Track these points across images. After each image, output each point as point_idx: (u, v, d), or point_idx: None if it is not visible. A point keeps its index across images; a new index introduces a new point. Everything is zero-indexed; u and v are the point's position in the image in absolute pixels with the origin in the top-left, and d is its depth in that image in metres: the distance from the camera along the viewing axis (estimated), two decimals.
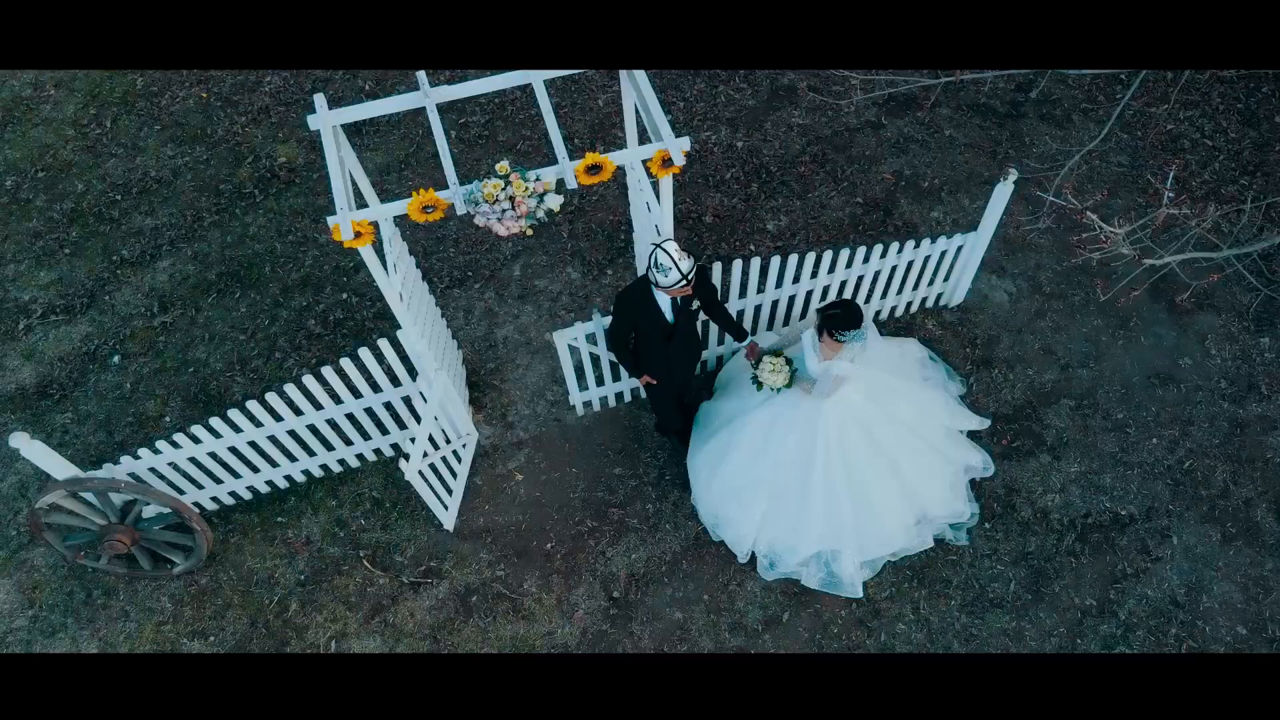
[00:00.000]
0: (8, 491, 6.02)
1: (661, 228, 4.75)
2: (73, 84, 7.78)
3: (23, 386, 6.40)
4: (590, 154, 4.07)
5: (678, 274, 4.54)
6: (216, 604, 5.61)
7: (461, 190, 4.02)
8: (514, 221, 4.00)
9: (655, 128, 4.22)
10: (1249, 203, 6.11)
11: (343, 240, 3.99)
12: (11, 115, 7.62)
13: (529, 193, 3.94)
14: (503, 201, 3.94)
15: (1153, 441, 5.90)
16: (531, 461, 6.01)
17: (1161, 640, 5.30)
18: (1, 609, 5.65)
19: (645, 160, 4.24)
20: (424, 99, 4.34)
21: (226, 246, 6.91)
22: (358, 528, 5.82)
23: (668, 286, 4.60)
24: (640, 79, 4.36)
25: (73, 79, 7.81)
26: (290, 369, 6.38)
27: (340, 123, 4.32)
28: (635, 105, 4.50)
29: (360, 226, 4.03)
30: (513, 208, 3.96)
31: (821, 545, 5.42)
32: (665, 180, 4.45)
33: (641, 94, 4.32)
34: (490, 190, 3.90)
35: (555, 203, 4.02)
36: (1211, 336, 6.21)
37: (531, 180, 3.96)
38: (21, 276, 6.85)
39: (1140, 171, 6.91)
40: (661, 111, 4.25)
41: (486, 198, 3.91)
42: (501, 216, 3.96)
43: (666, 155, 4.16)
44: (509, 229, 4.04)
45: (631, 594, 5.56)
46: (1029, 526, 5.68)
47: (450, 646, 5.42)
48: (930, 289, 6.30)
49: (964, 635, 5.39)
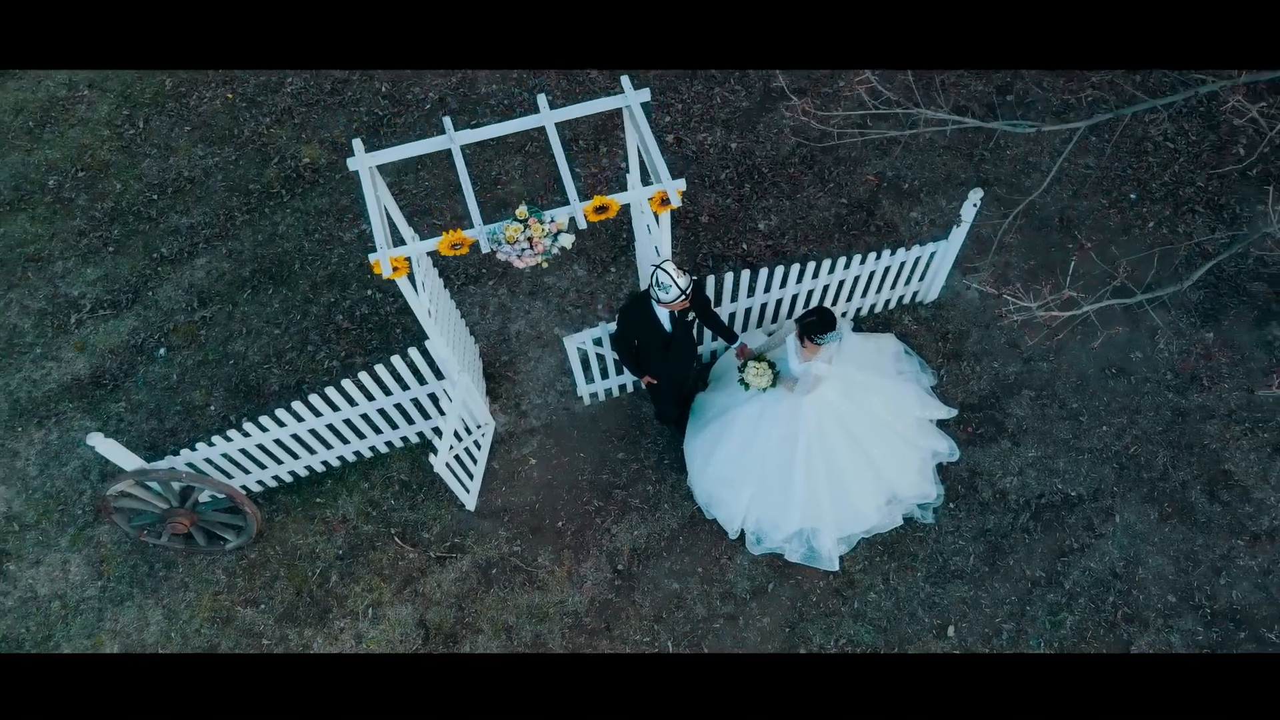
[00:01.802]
0: (71, 474, 6.68)
1: (660, 249, 5.32)
2: (105, 85, 8.25)
3: (78, 377, 7.02)
4: (598, 196, 4.64)
5: (676, 291, 5.13)
6: (265, 576, 6.32)
7: (485, 230, 4.59)
8: (531, 257, 4.58)
9: (655, 169, 4.77)
10: (1177, 244, 6.65)
11: (382, 274, 4.58)
12: (49, 116, 8.11)
13: (545, 234, 4.52)
14: (521, 242, 4.51)
15: (1103, 429, 6.55)
16: (543, 447, 6.66)
17: (1100, 607, 6.02)
18: (74, 580, 6.36)
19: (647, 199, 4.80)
20: (449, 142, 4.88)
21: (258, 245, 7.47)
22: (388, 507, 6.49)
23: (668, 302, 5.19)
24: (641, 123, 4.89)
25: (105, 80, 8.27)
26: (321, 361, 6.99)
27: (376, 164, 4.87)
28: (638, 147, 5.03)
29: (397, 262, 4.61)
30: (530, 246, 4.54)
31: (803, 524, 6.10)
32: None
33: (643, 137, 4.86)
34: (511, 233, 4.47)
35: (568, 240, 4.60)
36: (1161, 332, 6.82)
37: (547, 222, 4.53)
38: (70, 273, 7.41)
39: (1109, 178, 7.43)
40: (660, 155, 4.79)
41: (508, 239, 4.49)
42: (521, 254, 4.54)
43: (664, 195, 4.73)
44: (526, 263, 4.62)
45: (634, 566, 6.27)
46: (988, 506, 6.36)
47: (473, 614, 6.14)
48: (907, 288, 6.88)
49: (928, 603, 6.11)
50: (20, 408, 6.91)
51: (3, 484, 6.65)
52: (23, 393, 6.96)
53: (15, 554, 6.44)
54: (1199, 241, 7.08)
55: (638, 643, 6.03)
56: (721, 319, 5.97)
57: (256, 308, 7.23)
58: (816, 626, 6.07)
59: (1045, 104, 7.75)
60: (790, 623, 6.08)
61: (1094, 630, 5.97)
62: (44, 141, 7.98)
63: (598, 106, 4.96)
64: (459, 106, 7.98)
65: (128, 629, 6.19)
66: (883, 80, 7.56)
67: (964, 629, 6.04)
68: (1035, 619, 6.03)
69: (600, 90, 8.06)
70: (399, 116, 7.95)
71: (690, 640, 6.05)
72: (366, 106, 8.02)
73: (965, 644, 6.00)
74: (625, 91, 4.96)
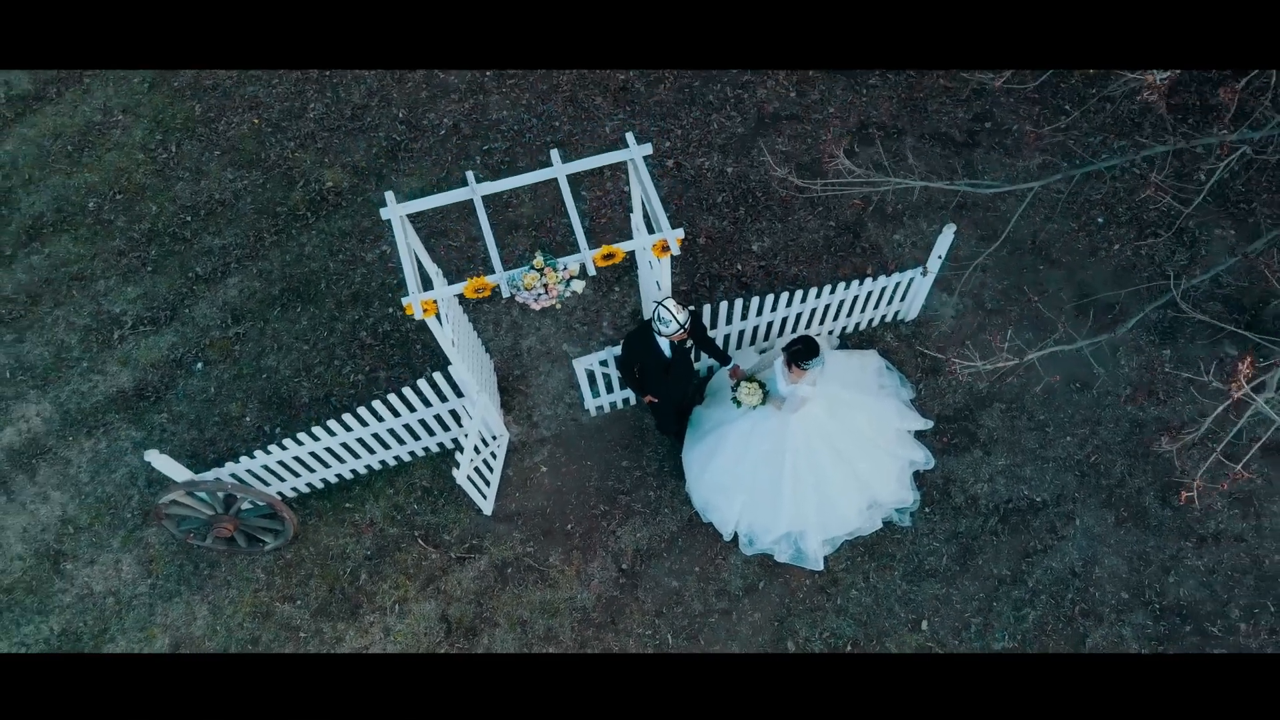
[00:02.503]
0: (120, 480, 7.28)
1: (661, 284, 5.87)
2: (138, 110, 8.76)
3: (123, 389, 7.60)
4: (605, 245, 5.19)
5: (676, 325, 5.70)
6: (300, 574, 6.93)
7: (505, 276, 5.15)
8: (546, 300, 5.15)
9: (656, 219, 5.32)
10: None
11: (414, 315, 5.14)
12: (86, 140, 8.63)
13: (559, 280, 5.08)
14: (538, 288, 5.07)
15: (1067, 439, 7.14)
16: (553, 456, 7.26)
17: (1059, 604, 6.64)
18: (126, 578, 6.97)
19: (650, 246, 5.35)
20: (472, 193, 5.42)
21: (286, 265, 8.02)
22: (412, 511, 7.10)
23: (668, 334, 5.76)
24: (644, 175, 5.43)
25: (137, 105, 8.78)
26: (347, 375, 7.57)
27: (407, 213, 5.41)
28: (641, 199, 5.57)
29: (427, 304, 5.17)
30: (546, 291, 5.10)
31: (790, 527, 6.70)
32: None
33: (645, 188, 5.41)
34: (530, 280, 5.03)
35: (579, 286, 5.16)
36: (1123, 349, 7.39)
37: (561, 270, 5.09)
38: (111, 291, 7.97)
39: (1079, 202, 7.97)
40: (661, 206, 5.35)
41: (526, 285, 5.05)
42: (537, 299, 5.10)
43: (664, 243, 5.28)
44: (542, 305, 5.18)
45: (637, 566, 6.88)
46: (960, 510, 6.96)
47: (491, 609, 6.76)
48: (889, 308, 7.44)
49: (904, 599, 6.73)
50: (70, 418, 7.49)
51: (57, 490, 7.25)
52: (72, 404, 7.54)
53: (71, 554, 7.04)
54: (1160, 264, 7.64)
55: (640, 635, 6.65)
56: (717, 344, 6.54)
57: (286, 324, 7.79)
58: (803, 621, 6.69)
59: (1021, 131, 8.27)
60: (779, 617, 6.70)
61: (1053, 624, 6.59)
62: (82, 165, 8.50)
63: (603, 160, 5.49)
64: (471, 131, 8.50)
65: (177, 623, 6.81)
66: (860, 144, 8.10)
67: (936, 623, 6.66)
68: (1001, 614, 6.65)
69: (604, 115, 8.57)
70: (415, 142, 8.48)
71: (688, 633, 6.67)
72: (385, 132, 8.54)
73: (938, 637, 6.62)
74: (630, 146, 5.50)
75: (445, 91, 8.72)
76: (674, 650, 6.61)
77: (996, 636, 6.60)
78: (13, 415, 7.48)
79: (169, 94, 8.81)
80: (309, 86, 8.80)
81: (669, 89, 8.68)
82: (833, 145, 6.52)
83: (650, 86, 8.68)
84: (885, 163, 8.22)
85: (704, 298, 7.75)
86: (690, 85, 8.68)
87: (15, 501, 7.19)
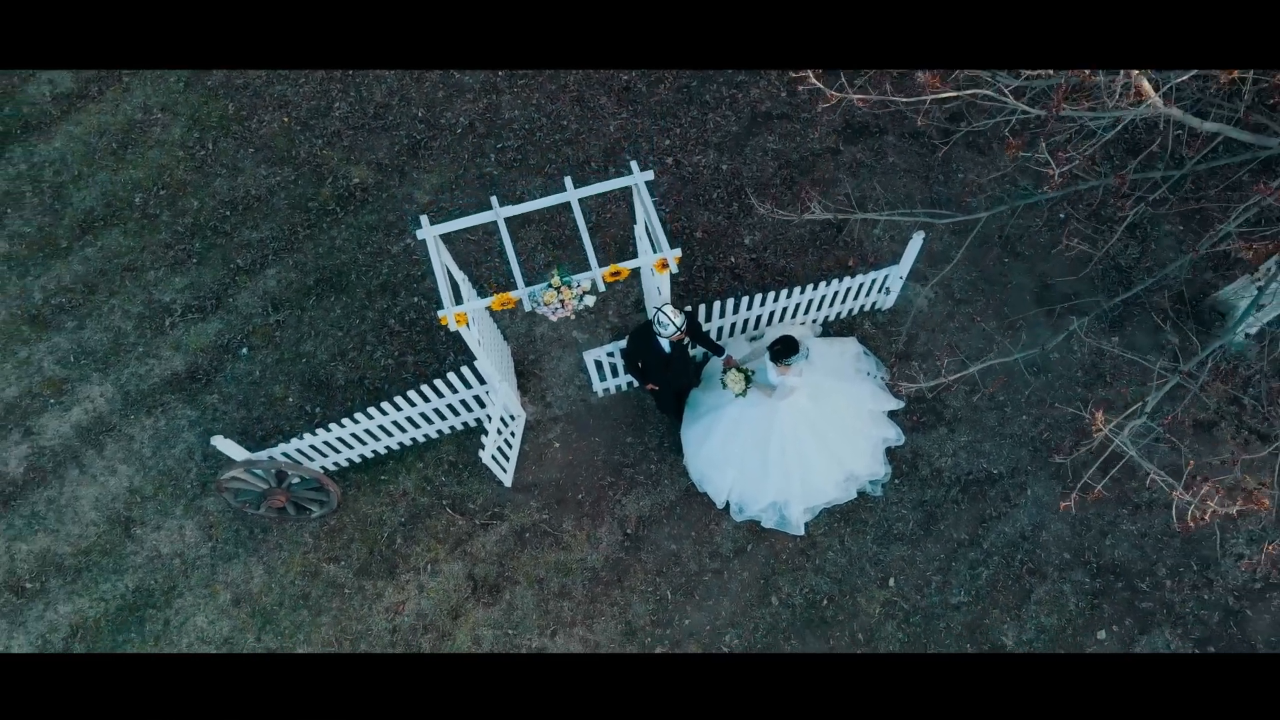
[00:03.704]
0: (179, 454, 8.16)
1: (661, 291, 6.68)
2: (175, 109, 9.43)
3: (176, 372, 8.43)
4: (613, 264, 5.99)
5: (673, 328, 6.52)
6: (343, 539, 7.86)
7: (527, 292, 5.96)
8: (562, 313, 5.96)
9: (657, 240, 6.10)
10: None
11: (449, 326, 5.96)
12: (129, 138, 9.32)
13: (574, 296, 5.89)
14: (554, 303, 5.88)
15: (1023, 418, 8.02)
16: (565, 433, 8.13)
17: (1010, 563, 7.58)
18: (189, 542, 7.89)
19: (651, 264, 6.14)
20: (495, 215, 6.19)
21: (319, 257, 8.79)
22: (440, 483, 8.00)
23: (667, 336, 6.59)
24: (646, 200, 6.19)
25: (174, 104, 9.45)
26: (378, 359, 8.40)
27: (440, 234, 6.18)
28: (644, 222, 6.34)
29: (459, 316, 5.98)
30: (562, 306, 5.91)
31: (775, 497, 7.61)
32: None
33: (647, 211, 6.18)
34: (549, 297, 5.84)
35: (590, 300, 5.97)
36: (1076, 336, 8.21)
37: (575, 287, 5.89)
38: (161, 281, 8.75)
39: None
40: (662, 229, 6.12)
41: (545, 301, 5.86)
42: (555, 312, 5.92)
43: (664, 262, 6.08)
44: (559, 317, 6.00)
45: (640, 530, 7.80)
46: (926, 482, 7.87)
47: (512, 569, 7.70)
48: (867, 299, 8.24)
49: (874, 560, 7.67)
50: (131, 399, 8.35)
51: (123, 463, 8.14)
52: (132, 386, 8.38)
53: (140, 520, 7.96)
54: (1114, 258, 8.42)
55: (643, 592, 7.61)
56: (711, 338, 7.36)
57: (321, 313, 8.59)
58: (786, 579, 7.64)
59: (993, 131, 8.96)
60: (765, 575, 7.65)
61: (1004, 582, 7.55)
62: (127, 162, 9.21)
63: (611, 185, 6.24)
64: (486, 130, 9.20)
65: (236, 581, 7.76)
66: (845, 142, 8.77)
67: (902, 580, 7.61)
68: (958, 572, 7.60)
69: (608, 115, 9.25)
70: (434, 140, 9.18)
71: (685, 590, 7.63)
72: (405, 130, 9.23)
73: (903, 592, 7.58)
74: (634, 173, 6.25)
75: (460, 91, 9.39)
76: (672, 604, 7.58)
77: (954, 592, 7.56)
78: (79, 396, 8.34)
79: (203, 93, 9.47)
80: (333, 86, 9.46)
81: (668, 89, 9.35)
82: (807, 196, 7.25)
83: (651, 87, 9.35)
84: (868, 160, 8.95)
85: (700, 288, 8.55)
86: (688, 86, 9.34)
87: (87, 474, 8.08)
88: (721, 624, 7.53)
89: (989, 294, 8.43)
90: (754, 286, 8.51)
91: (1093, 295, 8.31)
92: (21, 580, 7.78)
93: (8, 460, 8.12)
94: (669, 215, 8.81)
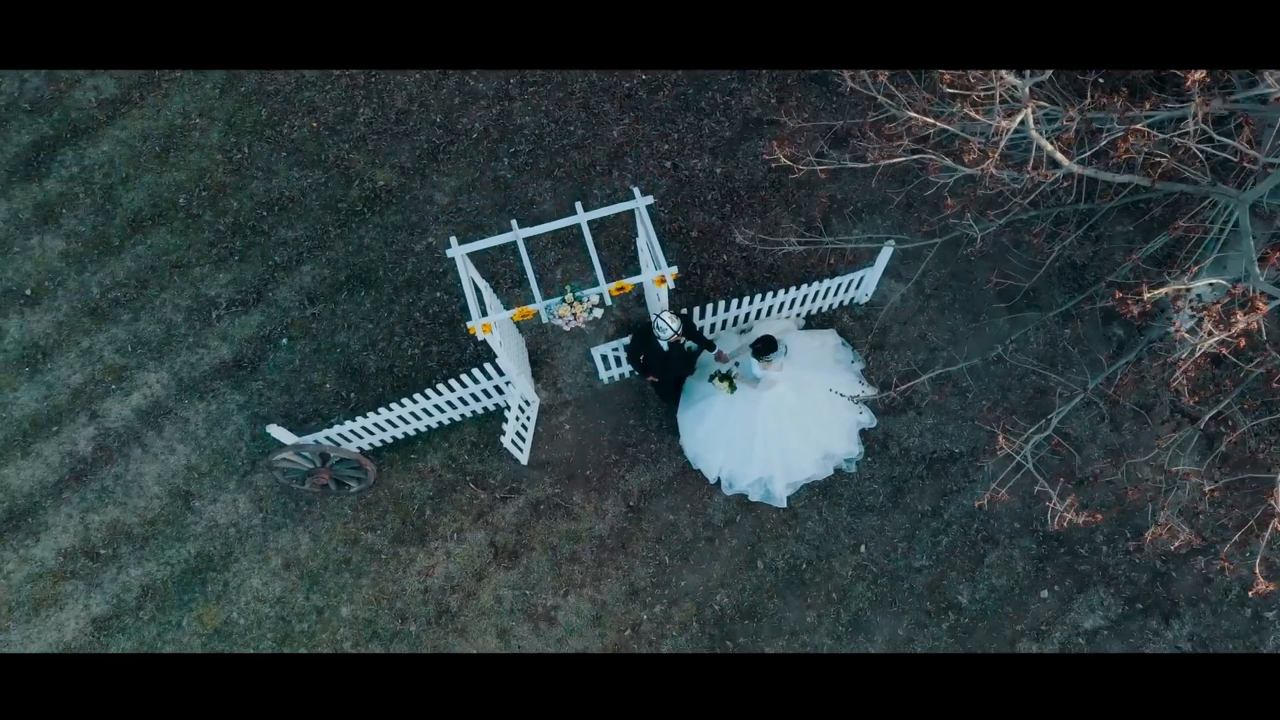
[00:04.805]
0: (230, 435, 9.14)
1: (660, 299, 7.59)
2: (212, 114, 10.23)
3: (224, 361, 9.38)
4: (619, 280, 6.90)
5: (670, 332, 7.46)
6: (379, 510, 8.88)
7: (543, 305, 6.89)
8: (574, 324, 6.89)
9: (657, 258, 7.00)
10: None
11: (476, 335, 6.89)
12: (171, 142, 10.13)
13: (585, 309, 6.81)
14: (568, 315, 6.81)
15: (983, 403, 8.99)
16: (574, 416, 9.11)
17: (967, 532, 8.62)
18: (242, 513, 8.92)
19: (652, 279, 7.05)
20: (515, 236, 7.08)
21: (349, 254, 9.68)
22: (464, 461, 9.00)
23: (665, 339, 7.53)
24: (647, 222, 7.08)
25: (211, 109, 10.24)
26: (406, 349, 9.34)
27: (468, 252, 7.07)
28: (645, 240, 7.24)
29: (486, 326, 6.91)
30: (574, 318, 6.84)
31: (761, 474, 8.61)
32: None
33: (648, 233, 7.07)
34: (563, 311, 6.77)
35: (599, 313, 6.90)
36: (1033, 328, 9.14)
37: (585, 301, 6.81)
38: (207, 277, 9.65)
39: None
40: (660, 248, 7.02)
41: (560, 315, 6.78)
42: (568, 324, 6.85)
43: (663, 278, 6.99)
44: (570, 327, 6.93)
45: (641, 503, 8.82)
46: (895, 460, 8.87)
47: (528, 538, 8.74)
48: (845, 295, 9.16)
49: (848, 529, 8.70)
50: (184, 385, 9.30)
51: (181, 443, 9.13)
52: (184, 373, 9.33)
53: (198, 494, 8.98)
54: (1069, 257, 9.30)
55: (644, 558, 8.66)
56: (704, 335, 8.30)
57: (353, 306, 9.51)
58: (770, 545, 8.68)
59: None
60: (751, 543, 8.70)
61: (961, 548, 8.60)
62: (170, 164, 10.04)
63: (616, 209, 7.12)
64: (499, 136, 10.01)
65: (285, 548, 8.80)
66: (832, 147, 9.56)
67: (872, 547, 8.66)
68: (921, 540, 8.64)
69: (612, 120, 10.05)
70: (452, 145, 10.00)
71: (681, 555, 8.67)
72: (425, 135, 10.05)
73: (872, 557, 8.63)
74: (635, 197, 7.13)
75: (475, 98, 10.18)
76: (670, 567, 8.63)
77: (916, 557, 8.61)
78: (138, 382, 9.29)
79: (238, 99, 10.26)
80: (357, 93, 10.24)
81: (667, 96, 10.14)
82: (790, 235, 8.10)
83: (651, 94, 10.13)
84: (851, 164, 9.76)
85: (695, 283, 9.45)
86: (685, 93, 10.13)
87: (149, 453, 9.08)
88: (713, 585, 8.60)
89: (956, 290, 9.34)
90: (744, 282, 9.42)
91: (1051, 291, 9.23)
92: (96, 547, 8.82)
93: (77, 440, 9.11)
94: (668, 216, 9.67)
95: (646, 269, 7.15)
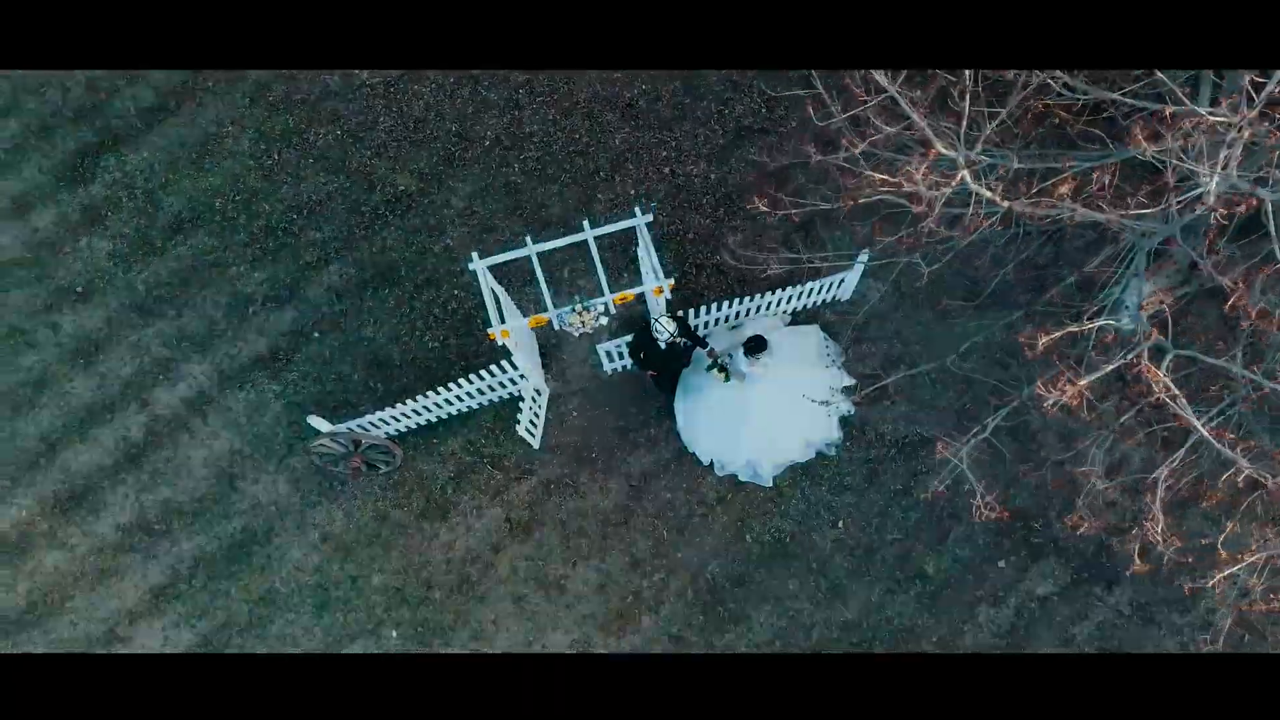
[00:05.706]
0: (270, 422, 10.07)
1: (659, 305, 8.48)
2: (243, 121, 11.00)
3: (261, 354, 10.28)
4: (622, 292, 7.80)
5: (668, 334, 8.38)
6: (405, 489, 9.85)
7: (555, 314, 7.79)
8: (583, 330, 7.80)
9: (655, 270, 7.89)
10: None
11: (497, 341, 7.79)
12: (205, 149, 10.92)
13: (592, 318, 7.72)
14: (577, 323, 7.72)
15: (950, 393, 9.92)
16: (581, 404, 10.05)
17: (934, 510, 9.60)
18: (282, 493, 9.88)
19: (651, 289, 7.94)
20: (529, 251, 7.95)
21: (373, 254, 10.53)
22: (481, 444, 9.94)
23: (663, 340, 8.44)
24: (646, 238, 7.95)
25: (242, 117, 11.02)
26: (427, 342, 10.24)
27: (489, 265, 7.94)
28: (644, 254, 8.11)
29: (504, 332, 7.81)
30: (583, 325, 7.75)
31: (750, 457, 9.57)
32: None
33: (648, 249, 7.95)
34: (573, 320, 7.67)
35: (604, 320, 7.81)
36: (996, 326, 10.03)
37: (593, 310, 7.71)
38: (243, 276, 10.51)
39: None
40: (658, 261, 7.90)
41: (571, 323, 7.69)
42: (577, 331, 7.76)
43: (661, 288, 7.87)
44: (579, 334, 7.85)
45: (642, 483, 9.80)
46: (872, 444, 9.82)
47: (540, 514, 9.71)
48: (828, 294, 10.05)
49: (828, 507, 9.68)
50: (225, 375, 10.21)
51: (224, 429, 10.06)
52: (225, 364, 10.24)
53: (241, 475, 9.93)
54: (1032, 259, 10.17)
55: (645, 531, 9.64)
56: (698, 334, 9.21)
57: (378, 302, 10.39)
58: (758, 521, 9.67)
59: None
60: (741, 519, 9.68)
61: (927, 524, 9.59)
62: (206, 170, 10.84)
63: (620, 226, 7.99)
64: (510, 143, 10.81)
65: (322, 523, 9.78)
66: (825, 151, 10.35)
67: (849, 522, 9.65)
68: (892, 515, 9.63)
69: (614, 129, 10.84)
70: (466, 151, 10.80)
71: (678, 529, 9.66)
72: (441, 143, 10.85)
73: (849, 532, 9.62)
74: (636, 215, 7.99)
75: (487, 107, 10.96)
76: (668, 541, 9.62)
77: (889, 531, 9.60)
78: (184, 373, 10.20)
79: (266, 108, 11.03)
80: (377, 102, 11.02)
81: (666, 105, 10.93)
82: (772, 257, 8.95)
83: (651, 103, 10.92)
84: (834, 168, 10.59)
85: (691, 282, 10.32)
86: (682, 103, 10.92)
87: (196, 438, 10.02)
88: (706, 557, 9.60)
89: (929, 288, 10.21)
90: (735, 282, 10.30)
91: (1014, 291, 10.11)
92: (151, 523, 9.80)
93: (130, 427, 10.04)
94: (665, 219, 10.51)
95: (646, 279, 8.04)
